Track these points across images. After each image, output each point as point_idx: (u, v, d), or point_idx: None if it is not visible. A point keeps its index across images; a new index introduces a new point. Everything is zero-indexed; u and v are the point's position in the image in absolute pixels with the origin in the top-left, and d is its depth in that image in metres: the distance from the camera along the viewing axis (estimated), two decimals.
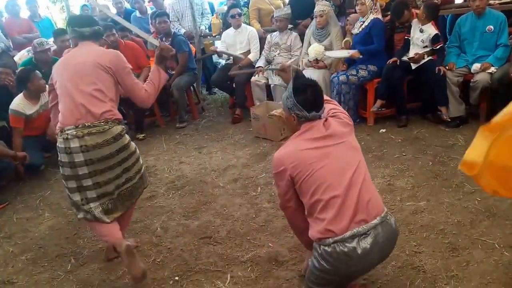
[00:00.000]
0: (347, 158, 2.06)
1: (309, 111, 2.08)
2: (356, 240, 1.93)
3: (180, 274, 2.72)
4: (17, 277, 2.92)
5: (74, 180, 2.57)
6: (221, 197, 3.66)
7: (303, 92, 2.09)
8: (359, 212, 1.96)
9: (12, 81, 4.65)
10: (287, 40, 5.50)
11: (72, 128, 2.52)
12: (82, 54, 2.69)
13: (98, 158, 2.54)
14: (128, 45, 5.57)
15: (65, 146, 2.53)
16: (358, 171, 2.04)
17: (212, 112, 6.26)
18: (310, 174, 2.00)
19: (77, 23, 2.76)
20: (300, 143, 2.08)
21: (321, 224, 1.97)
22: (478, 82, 4.24)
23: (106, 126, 2.56)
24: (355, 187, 1.99)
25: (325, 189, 1.97)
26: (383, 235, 1.98)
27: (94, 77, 2.60)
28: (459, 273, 2.43)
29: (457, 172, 3.49)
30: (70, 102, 2.56)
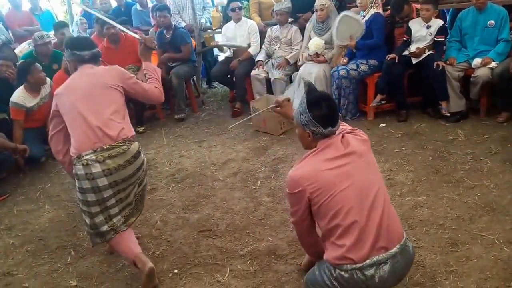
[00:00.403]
0: (368, 179, 1.95)
1: (325, 127, 1.96)
2: (374, 268, 1.87)
3: (179, 267, 2.73)
4: (17, 269, 2.93)
5: (98, 204, 2.52)
6: (220, 191, 3.66)
7: (318, 107, 1.96)
8: (380, 239, 1.88)
9: (13, 73, 4.64)
10: (287, 34, 5.48)
11: (90, 153, 2.46)
12: (87, 77, 2.65)
13: (122, 179, 2.53)
14: (128, 38, 5.55)
15: (85, 173, 2.46)
16: (379, 194, 1.94)
17: (212, 106, 6.25)
18: (331, 197, 1.89)
19: (77, 46, 2.71)
20: (319, 163, 1.94)
21: (339, 251, 1.88)
22: (478, 77, 4.23)
23: (125, 146, 2.53)
24: (376, 211, 1.90)
25: (346, 213, 1.87)
26: (401, 263, 1.93)
27: (106, 98, 2.59)
28: (458, 268, 2.43)
29: (457, 167, 3.51)
30: (85, 126, 2.50)
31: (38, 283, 2.76)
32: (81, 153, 2.47)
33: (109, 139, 2.49)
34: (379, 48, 4.81)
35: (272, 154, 4.24)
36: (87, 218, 2.56)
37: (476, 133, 4.10)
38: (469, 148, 3.80)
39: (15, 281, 2.81)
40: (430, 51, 4.50)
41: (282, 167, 3.92)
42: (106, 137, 2.49)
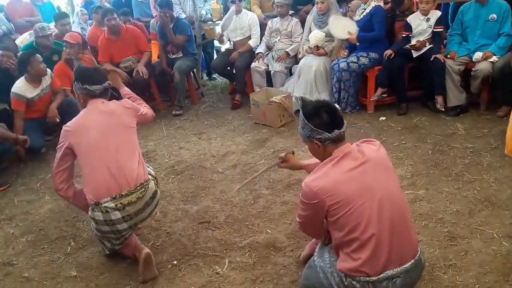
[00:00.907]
0: (388, 190, 1.90)
1: (330, 132, 1.92)
2: (386, 282, 1.87)
3: (178, 258, 2.75)
4: (17, 259, 2.94)
5: (116, 238, 2.62)
6: (220, 183, 3.67)
7: (316, 115, 1.95)
8: (395, 253, 1.86)
9: (14, 64, 4.64)
10: (287, 26, 5.46)
11: (109, 201, 2.46)
12: (103, 116, 2.62)
13: (140, 220, 2.64)
14: (129, 30, 5.54)
15: (105, 219, 2.50)
16: (398, 206, 1.90)
17: (212, 98, 6.24)
18: (350, 210, 1.83)
19: (88, 80, 2.65)
20: (339, 174, 1.88)
21: (354, 263, 1.86)
22: (479, 71, 4.22)
23: (143, 190, 2.55)
24: (394, 225, 1.86)
25: (365, 227, 1.83)
26: (413, 276, 1.95)
27: (123, 140, 2.60)
28: (457, 262, 2.44)
29: (457, 161, 3.51)
30: (104, 172, 2.48)
31: (38, 273, 2.77)
32: (100, 200, 2.47)
33: (128, 184, 2.49)
34: (380, 41, 4.79)
35: (272, 146, 4.24)
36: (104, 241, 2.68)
37: (476, 127, 4.10)
38: (469, 142, 3.80)
39: (15, 270, 2.82)
40: (431, 45, 4.49)
41: None
42: (125, 183, 2.49)
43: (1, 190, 3.97)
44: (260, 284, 2.43)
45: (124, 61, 5.49)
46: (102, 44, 5.47)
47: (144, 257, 2.53)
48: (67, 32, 5.45)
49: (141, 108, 2.86)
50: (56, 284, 2.66)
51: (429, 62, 4.42)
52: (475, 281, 2.29)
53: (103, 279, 2.65)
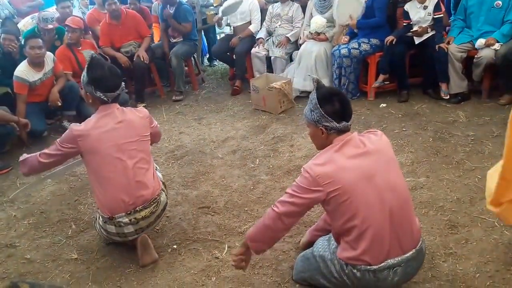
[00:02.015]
0: (389, 180, 1.88)
1: (339, 122, 1.89)
2: (387, 271, 1.88)
3: (178, 243, 2.77)
4: (19, 241, 2.96)
5: (121, 239, 2.61)
6: (219, 168, 3.68)
7: (329, 101, 1.90)
8: (397, 242, 1.87)
9: (16, 47, 4.63)
10: (288, 11, 5.42)
11: (123, 216, 2.46)
12: (121, 125, 2.49)
13: (149, 228, 2.63)
14: (129, 14, 5.50)
15: (117, 232, 2.52)
16: (400, 195, 1.89)
17: (212, 84, 6.22)
18: (350, 198, 1.81)
19: (102, 86, 2.44)
20: (340, 160, 1.85)
21: (354, 252, 1.87)
22: (482, 58, 4.19)
23: (156, 203, 2.55)
24: (396, 213, 1.85)
25: (365, 215, 1.82)
26: (414, 265, 1.96)
27: (140, 151, 2.52)
28: (457, 250, 2.43)
29: (458, 149, 3.50)
30: (122, 188, 2.43)
31: (39, 255, 2.80)
32: (114, 215, 2.46)
33: (143, 200, 2.49)
34: (381, 27, 4.76)
35: (271, 132, 4.24)
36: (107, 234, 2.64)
37: (477, 115, 4.09)
38: (470, 130, 3.80)
39: (17, 252, 2.85)
40: (433, 31, 4.46)
41: (281, 146, 3.93)
42: (140, 199, 2.48)
43: (3, 173, 3.99)
44: (259, 269, 2.45)
45: (125, 46, 5.46)
46: (103, 29, 5.44)
47: (140, 240, 2.56)
48: (68, 15, 5.42)
49: (154, 121, 2.75)
50: (57, 266, 2.68)
51: (431, 49, 4.39)
52: (475, 270, 2.29)
53: (104, 262, 2.67)
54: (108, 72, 2.49)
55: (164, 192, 2.68)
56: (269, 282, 2.35)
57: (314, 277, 2.15)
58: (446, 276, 2.27)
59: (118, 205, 2.44)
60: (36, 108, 4.54)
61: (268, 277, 2.39)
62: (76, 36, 4.98)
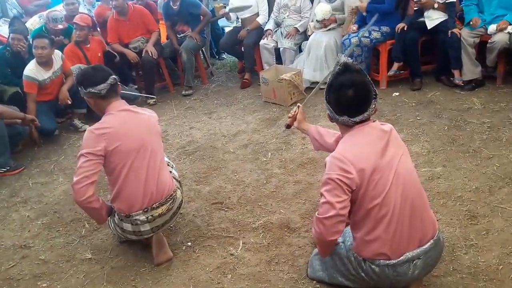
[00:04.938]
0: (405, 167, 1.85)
1: (340, 114, 1.83)
2: (407, 265, 1.84)
3: (192, 240, 2.74)
4: (33, 242, 2.96)
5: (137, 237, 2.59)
6: (231, 163, 3.64)
7: (335, 91, 1.83)
8: (415, 233, 1.84)
9: (25, 46, 4.62)
10: (296, 2, 5.35)
11: (140, 213, 2.43)
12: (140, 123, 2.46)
13: (165, 226, 2.61)
14: (137, 10, 5.47)
15: (134, 230, 2.50)
16: (414, 181, 1.88)
17: (221, 77, 6.18)
18: (375, 185, 1.77)
19: (89, 82, 2.39)
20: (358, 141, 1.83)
21: (373, 245, 1.84)
22: (495, 43, 4.08)
23: (172, 200, 2.53)
24: (414, 203, 1.83)
25: (383, 204, 1.78)
26: (433, 257, 1.92)
27: (158, 149, 2.52)
28: (478, 242, 2.37)
29: (474, 137, 3.43)
30: (140, 185, 2.40)
31: (53, 256, 2.79)
32: (131, 213, 2.43)
33: (160, 197, 2.47)
34: (391, 15, 4.67)
35: (283, 125, 4.16)
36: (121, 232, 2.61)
37: (493, 101, 4.00)
38: (485, 117, 3.71)
39: (32, 253, 2.84)
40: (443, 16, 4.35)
41: (293, 138, 3.88)
42: (157, 195, 2.45)
43: (16, 173, 4.00)
44: (275, 266, 2.42)
45: (133, 41, 5.43)
46: (111, 25, 5.40)
47: (155, 238, 2.54)
48: (74, 12, 5.41)
49: None
50: (71, 266, 2.67)
51: (443, 34, 4.30)
52: (498, 261, 2.23)
53: (118, 261, 2.66)
54: (91, 69, 2.53)
55: (179, 189, 2.66)
56: (285, 279, 2.32)
57: (332, 275, 2.12)
58: (468, 268, 2.21)
59: (136, 202, 2.42)
60: (46, 107, 4.54)
61: (284, 274, 2.35)
62: (84, 34, 4.96)
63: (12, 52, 4.59)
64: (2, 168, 3.96)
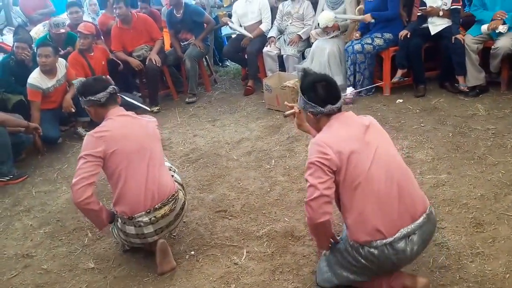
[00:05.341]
0: (388, 149, 1.97)
1: (323, 106, 1.99)
2: (404, 241, 1.86)
3: (196, 249, 2.72)
4: (36, 251, 2.95)
5: (140, 241, 2.56)
6: (235, 170, 3.62)
7: (311, 89, 2.02)
8: (406, 211, 1.88)
9: (29, 55, 4.65)
10: (299, 9, 5.35)
11: (143, 215, 2.42)
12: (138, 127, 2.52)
13: (169, 229, 2.60)
14: (141, 18, 5.49)
15: (137, 233, 2.47)
16: (399, 163, 1.96)
17: (225, 84, 6.18)
18: (356, 166, 1.86)
19: (89, 91, 2.50)
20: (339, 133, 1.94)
21: (366, 224, 1.86)
22: (499, 48, 4.07)
23: (174, 201, 2.52)
24: (400, 181, 1.90)
25: (371, 183, 1.85)
26: (428, 231, 1.94)
27: (157, 152, 2.54)
28: (485, 250, 2.34)
29: (479, 143, 3.40)
30: (141, 185, 2.41)
31: (56, 265, 2.77)
32: (134, 215, 2.42)
33: (161, 197, 2.46)
34: (394, 21, 4.68)
35: (286, 132, 4.17)
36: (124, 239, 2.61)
37: (497, 108, 3.97)
38: (490, 124, 3.69)
39: (34, 263, 2.83)
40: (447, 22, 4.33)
41: (296, 145, 3.86)
42: (158, 196, 2.45)
43: (19, 181, 3.99)
44: (279, 275, 2.39)
45: (137, 49, 5.45)
46: (115, 33, 5.43)
47: (159, 246, 2.50)
48: (78, 20, 5.44)
49: None
50: (74, 276, 2.65)
51: (446, 40, 4.29)
52: (505, 270, 2.19)
53: (121, 271, 2.63)
54: (91, 80, 2.69)
55: (182, 191, 2.65)
56: None
57: (336, 272, 2.09)
58: (475, 277, 2.17)
59: (138, 204, 2.41)
60: (50, 115, 4.55)
61: (289, 283, 2.32)
62: (88, 42, 4.98)
63: (16, 60, 4.62)
64: (5, 176, 3.96)
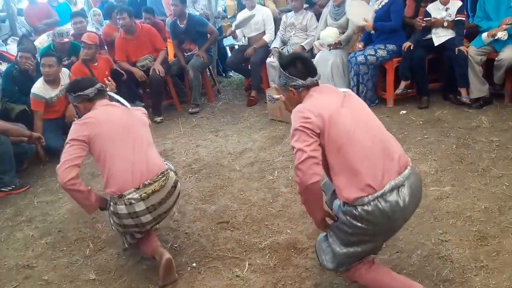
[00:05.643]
0: (365, 111, 2.07)
1: (304, 79, 2.08)
2: (395, 193, 1.87)
3: (197, 261, 2.70)
4: (37, 262, 2.93)
5: (139, 232, 2.57)
6: (237, 181, 3.61)
7: (291, 64, 2.10)
8: (390, 163, 1.91)
9: (32, 65, 4.67)
10: (302, 20, 5.38)
11: (133, 192, 2.41)
12: (122, 112, 2.63)
13: (164, 211, 2.58)
14: (144, 29, 5.53)
15: (129, 212, 2.43)
16: (377, 123, 2.05)
17: (228, 95, 6.20)
18: (337, 125, 1.92)
19: (78, 87, 2.65)
20: (319, 98, 2.04)
21: (356, 180, 1.87)
22: (503, 60, 4.07)
23: (164, 178, 2.51)
24: (380, 138, 1.97)
25: (354, 140, 1.91)
26: (415, 183, 1.96)
27: (144, 134, 2.60)
28: (489, 263, 2.32)
29: (483, 156, 3.38)
30: (128, 163, 2.44)
31: (57, 276, 2.75)
32: (123, 192, 2.42)
33: (150, 174, 2.47)
34: (397, 32, 4.68)
35: (289, 143, 4.10)
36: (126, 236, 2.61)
37: (501, 120, 3.96)
38: (494, 136, 3.67)
39: (35, 273, 2.81)
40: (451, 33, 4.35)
41: None
42: (147, 172, 2.46)
43: (21, 191, 3.99)
44: None
45: (140, 60, 5.47)
46: (119, 43, 5.46)
47: (165, 263, 2.46)
48: (81, 30, 5.48)
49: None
50: (75, 287, 2.63)
51: (450, 52, 4.29)
52: (509, 283, 2.17)
53: (122, 282, 2.61)
54: (80, 78, 2.89)
55: (173, 172, 2.63)
56: None
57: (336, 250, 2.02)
58: None
59: (126, 181, 2.42)
60: (53, 125, 4.56)
61: None
62: (92, 52, 5.00)
63: (20, 70, 4.64)
64: (7, 186, 3.96)
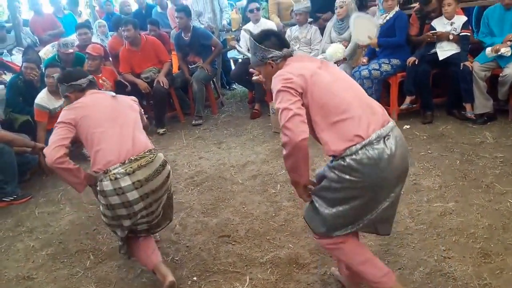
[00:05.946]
0: (344, 73, 2.14)
1: (280, 49, 2.12)
2: (382, 142, 1.87)
3: (198, 274, 2.67)
4: (37, 273, 2.91)
5: (129, 218, 2.47)
6: (240, 194, 3.60)
7: (265, 38, 2.14)
8: (375, 117, 1.94)
9: (37, 75, 4.70)
10: (306, 34, 5.41)
11: (118, 166, 2.37)
12: (109, 97, 2.68)
13: (152, 190, 2.46)
14: (149, 40, 5.57)
15: (114, 188, 2.36)
16: (358, 86, 2.09)
17: (231, 107, 6.21)
18: (319, 83, 1.97)
19: (70, 78, 2.69)
20: (294, 65, 2.07)
21: (345, 132, 1.89)
22: (507, 76, 4.07)
23: (152, 155, 2.48)
24: (361, 95, 2.02)
25: (337, 95, 1.95)
26: (400, 138, 1.96)
27: (131, 116, 2.63)
28: (492, 281, 2.29)
29: (487, 172, 3.36)
30: (114, 140, 2.45)
31: None
32: (109, 167, 2.38)
33: (137, 150, 2.45)
34: (402, 47, 4.70)
35: None
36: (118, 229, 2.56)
37: (505, 136, 3.94)
38: (498, 152, 3.65)
39: (35, 285, 2.79)
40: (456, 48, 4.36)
41: None
42: (133, 148, 2.44)
43: (23, 202, 3.98)
44: None
45: (145, 71, 5.51)
46: (123, 55, 5.50)
47: (168, 286, 2.41)
48: (86, 41, 5.52)
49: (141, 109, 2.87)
50: None
51: (454, 67, 4.30)
52: None
53: None
54: (71, 69, 2.95)
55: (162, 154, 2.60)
56: None
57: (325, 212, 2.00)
58: None
59: (112, 156, 2.39)
60: None
61: None
62: (96, 64, 5.04)
63: (25, 80, 4.67)
64: (9, 196, 3.96)
